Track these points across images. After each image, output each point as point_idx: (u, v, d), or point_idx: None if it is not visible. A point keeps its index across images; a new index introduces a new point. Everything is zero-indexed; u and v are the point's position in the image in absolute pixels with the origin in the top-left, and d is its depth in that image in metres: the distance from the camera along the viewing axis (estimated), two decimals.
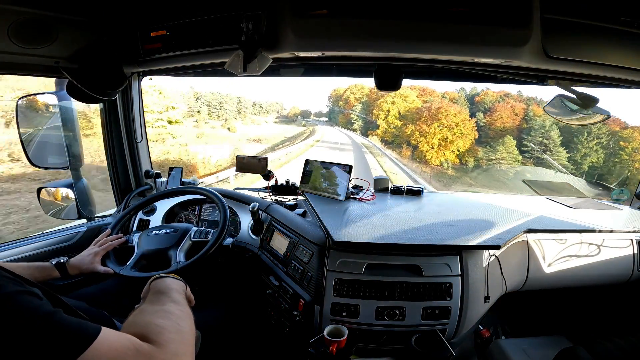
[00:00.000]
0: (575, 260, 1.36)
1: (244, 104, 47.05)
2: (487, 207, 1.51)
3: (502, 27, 0.80)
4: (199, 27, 1.05)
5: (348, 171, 1.48)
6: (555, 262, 1.35)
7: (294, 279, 1.17)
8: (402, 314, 1.05)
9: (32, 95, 1.36)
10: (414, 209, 1.42)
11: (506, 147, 27.83)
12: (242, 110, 46.33)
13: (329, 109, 55.87)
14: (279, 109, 55.50)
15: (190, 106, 38.08)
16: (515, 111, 31.15)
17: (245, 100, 47.68)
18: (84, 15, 1.05)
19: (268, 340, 1.36)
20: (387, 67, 1.18)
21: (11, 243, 1.23)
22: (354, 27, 0.83)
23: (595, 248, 1.37)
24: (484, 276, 1.15)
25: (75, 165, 1.42)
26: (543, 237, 1.34)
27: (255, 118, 48.25)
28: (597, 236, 1.37)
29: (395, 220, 1.26)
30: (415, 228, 1.17)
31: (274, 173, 1.64)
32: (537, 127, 28.06)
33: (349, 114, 45.23)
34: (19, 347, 0.42)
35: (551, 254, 1.35)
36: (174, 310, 0.64)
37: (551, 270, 1.35)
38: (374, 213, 1.33)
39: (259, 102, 51.22)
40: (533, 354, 1.32)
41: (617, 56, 0.92)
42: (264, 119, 49.08)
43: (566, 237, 1.36)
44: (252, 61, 0.91)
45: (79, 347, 0.44)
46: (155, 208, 1.55)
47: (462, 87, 37.61)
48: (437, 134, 31.25)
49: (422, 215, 1.35)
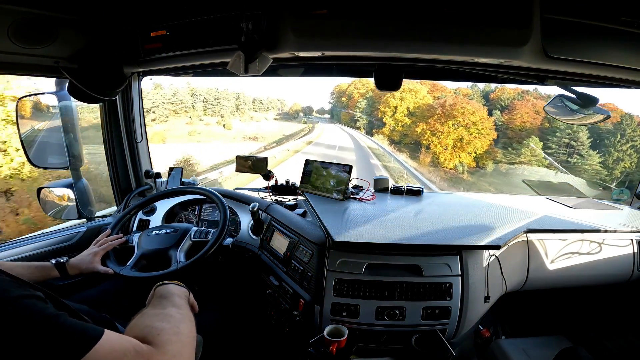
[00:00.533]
0: (576, 260, 1.36)
1: (243, 100, 44.83)
2: (487, 207, 1.51)
3: (502, 27, 0.80)
4: (199, 27, 1.05)
5: (348, 171, 1.48)
6: (555, 262, 1.35)
7: (294, 279, 1.17)
8: (402, 314, 1.05)
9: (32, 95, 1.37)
10: (414, 209, 1.42)
11: (531, 150, 24.00)
12: (241, 106, 43.96)
13: (332, 106, 51.71)
14: (280, 105, 52.81)
15: (184, 102, 36.81)
16: (537, 109, 26.27)
17: (245, 97, 45.37)
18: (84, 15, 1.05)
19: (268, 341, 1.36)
20: (387, 67, 1.19)
21: (11, 243, 1.23)
22: (354, 27, 0.83)
23: (596, 248, 1.37)
24: (484, 276, 1.15)
25: (75, 165, 1.42)
26: (543, 237, 1.34)
27: (255, 115, 45.52)
28: (597, 236, 1.37)
29: (395, 220, 1.26)
30: (415, 228, 1.17)
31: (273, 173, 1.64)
32: (563, 127, 23.82)
33: (352, 110, 40.58)
34: (25, 350, 0.43)
35: (551, 254, 1.35)
36: (174, 314, 0.65)
37: (551, 270, 1.35)
38: (374, 213, 1.33)
39: (259, 99, 48.97)
40: (533, 354, 1.32)
41: (617, 56, 0.92)
42: (264, 116, 46.81)
43: (566, 237, 1.36)
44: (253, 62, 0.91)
45: (82, 349, 0.46)
46: (155, 208, 1.55)
47: (475, 84, 31.68)
48: (451, 134, 26.91)
49: (422, 215, 1.35)
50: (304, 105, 56.89)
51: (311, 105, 59.62)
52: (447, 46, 0.86)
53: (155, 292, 0.75)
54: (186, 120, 36.65)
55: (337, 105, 48.23)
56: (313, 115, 55.63)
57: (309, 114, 55.69)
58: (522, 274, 1.32)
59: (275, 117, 48.62)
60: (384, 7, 0.80)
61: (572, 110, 1.15)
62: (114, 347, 0.49)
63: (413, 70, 1.31)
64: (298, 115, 52.56)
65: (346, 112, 42.83)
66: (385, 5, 0.80)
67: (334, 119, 50.29)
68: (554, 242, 1.35)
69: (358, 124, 39.74)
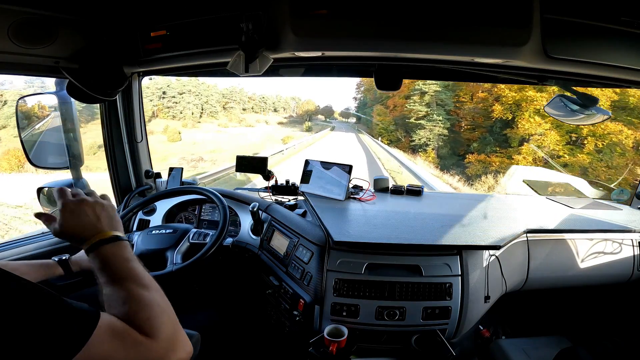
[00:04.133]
0: (575, 260, 1.36)
1: (240, 97, 33.65)
2: (487, 207, 1.51)
3: (502, 27, 0.80)
4: (199, 27, 1.05)
5: (348, 171, 1.48)
6: (555, 262, 1.35)
7: (294, 279, 1.17)
8: (402, 314, 1.05)
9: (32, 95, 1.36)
10: (414, 209, 1.42)
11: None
12: (229, 104, 32.34)
13: (359, 103, 36.31)
14: (295, 106, 40.10)
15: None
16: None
17: (242, 93, 34.15)
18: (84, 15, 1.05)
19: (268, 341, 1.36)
20: (387, 67, 1.19)
21: (12, 243, 1.23)
22: (354, 27, 0.83)
23: (596, 248, 1.37)
24: (484, 276, 1.15)
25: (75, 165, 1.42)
26: (543, 237, 1.34)
27: (249, 117, 33.96)
28: (597, 236, 1.37)
29: (396, 220, 1.26)
30: (416, 228, 1.17)
31: None
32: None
33: (392, 116, 21.86)
34: (30, 332, 0.41)
35: (551, 254, 1.35)
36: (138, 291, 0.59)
37: (551, 270, 1.35)
38: (374, 213, 1.33)
39: (267, 96, 36.87)
40: (533, 354, 1.32)
41: (617, 56, 0.92)
42: (265, 118, 35.73)
43: (566, 237, 1.36)
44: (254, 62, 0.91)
45: (88, 327, 0.45)
46: (155, 208, 1.56)
47: None
48: None
49: (423, 215, 1.35)
50: (324, 105, 42.77)
51: (331, 104, 44.52)
52: (447, 46, 0.87)
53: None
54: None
55: (367, 102, 31.17)
56: (334, 118, 41.81)
57: (329, 116, 42.58)
58: (522, 274, 1.32)
59: (281, 121, 37.02)
60: (384, 7, 0.80)
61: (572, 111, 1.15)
62: (112, 324, 0.48)
63: (413, 70, 1.31)
64: (312, 118, 39.62)
65: (385, 114, 23.04)
66: (385, 5, 0.80)
67: (362, 123, 34.28)
68: (554, 242, 1.36)
69: (401, 142, 20.62)
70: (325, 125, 37.51)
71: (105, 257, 0.59)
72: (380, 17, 0.81)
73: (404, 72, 1.21)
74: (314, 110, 40.33)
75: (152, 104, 27.65)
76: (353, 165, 1.50)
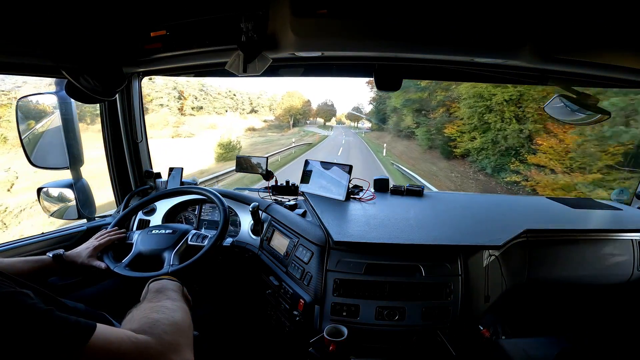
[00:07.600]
0: (575, 261, 1.36)
1: (214, 90, 25.65)
2: (487, 207, 1.51)
3: (502, 27, 0.80)
4: (199, 27, 1.05)
5: (348, 171, 1.49)
6: (555, 262, 1.35)
7: (294, 279, 1.17)
8: (402, 314, 1.04)
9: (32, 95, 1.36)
10: (414, 209, 1.42)
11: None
12: (196, 101, 24.23)
13: (377, 104, 27.11)
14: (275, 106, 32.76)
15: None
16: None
17: (193, 87, 25.73)
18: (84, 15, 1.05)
19: (268, 340, 1.36)
20: (387, 67, 1.19)
21: (11, 243, 1.23)
22: (354, 27, 0.83)
23: (595, 248, 1.37)
24: (484, 276, 1.15)
25: (75, 165, 1.42)
26: (543, 237, 1.34)
27: (197, 120, 26.79)
28: (597, 236, 1.37)
29: (396, 220, 1.26)
30: (415, 228, 1.17)
31: None
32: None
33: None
34: (16, 346, 0.42)
35: (551, 254, 1.35)
36: (169, 305, 0.66)
37: (551, 270, 1.35)
38: (374, 213, 1.33)
39: (244, 92, 29.84)
40: (533, 354, 1.32)
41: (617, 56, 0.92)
42: (258, 118, 28.70)
43: (566, 237, 1.36)
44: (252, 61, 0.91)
45: (76, 343, 0.45)
46: (155, 208, 1.55)
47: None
48: None
49: (422, 215, 1.35)
50: (329, 104, 31.36)
51: (332, 101, 34.37)
52: (447, 46, 0.87)
53: (150, 288, 0.76)
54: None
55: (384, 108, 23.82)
56: (325, 125, 30.10)
57: (329, 119, 32.46)
58: (522, 274, 1.32)
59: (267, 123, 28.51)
60: (384, 7, 0.80)
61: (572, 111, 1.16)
62: (109, 339, 0.48)
63: (413, 70, 1.31)
64: (299, 121, 28.52)
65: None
66: (385, 5, 0.80)
67: (383, 130, 25.25)
68: (554, 242, 1.35)
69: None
70: (313, 131, 26.01)
71: None
72: (380, 17, 0.81)
73: (404, 72, 1.21)
74: (316, 112, 29.25)
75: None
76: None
